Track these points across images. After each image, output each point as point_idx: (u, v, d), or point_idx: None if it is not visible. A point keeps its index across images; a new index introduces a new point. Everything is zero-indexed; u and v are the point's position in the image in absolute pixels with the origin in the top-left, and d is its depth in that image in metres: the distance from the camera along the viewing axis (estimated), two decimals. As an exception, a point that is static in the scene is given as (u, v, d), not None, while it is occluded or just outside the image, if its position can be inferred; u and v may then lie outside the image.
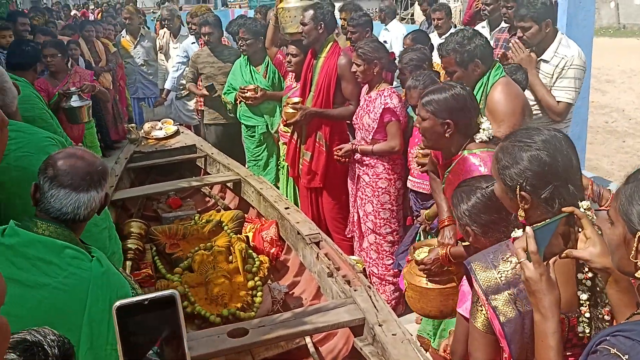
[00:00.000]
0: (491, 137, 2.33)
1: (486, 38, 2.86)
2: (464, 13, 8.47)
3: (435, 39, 5.02)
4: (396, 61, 3.86)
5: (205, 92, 5.22)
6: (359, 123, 3.68)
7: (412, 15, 20.70)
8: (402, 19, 14.86)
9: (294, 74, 4.28)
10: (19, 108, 2.42)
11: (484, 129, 2.32)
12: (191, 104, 6.37)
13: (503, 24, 4.34)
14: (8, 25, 5.60)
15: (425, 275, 2.48)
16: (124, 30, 7.69)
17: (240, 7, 15.46)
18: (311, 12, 3.85)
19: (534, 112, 3.34)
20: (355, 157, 3.70)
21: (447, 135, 2.30)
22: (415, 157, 3.18)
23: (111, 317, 0.89)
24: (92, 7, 20.19)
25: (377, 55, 3.53)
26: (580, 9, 4.25)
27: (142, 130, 5.48)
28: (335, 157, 3.79)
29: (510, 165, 1.51)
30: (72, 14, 13.78)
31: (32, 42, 4.68)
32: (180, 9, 11.61)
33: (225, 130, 5.45)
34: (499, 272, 1.48)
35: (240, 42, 4.63)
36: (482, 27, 4.59)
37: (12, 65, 3.80)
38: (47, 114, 2.97)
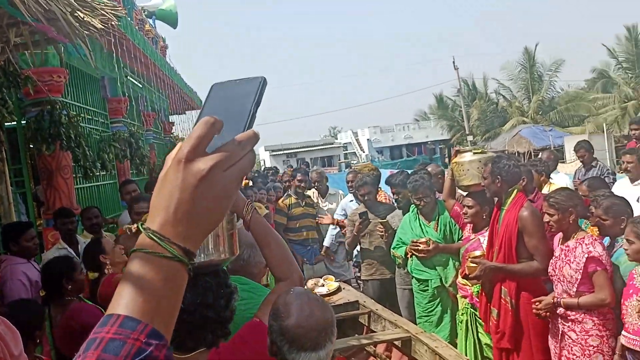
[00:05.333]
0: None
1: None
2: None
3: (625, 184, 4.86)
4: None
5: (360, 225, 5.28)
6: (557, 275, 3.43)
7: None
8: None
9: (471, 225, 4.20)
10: None
11: None
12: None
13: None
14: None
15: None
16: (290, 191, 8.06)
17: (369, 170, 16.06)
18: (489, 166, 3.80)
19: None
20: (557, 311, 3.42)
21: None
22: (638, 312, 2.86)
23: None
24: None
25: (572, 204, 3.39)
26: None
27: (306, 287, 5.54)
28: (534, 311, 3.52)
29: None
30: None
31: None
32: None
33: (383, 285, 5.36)
34: None
35: (418, 200, 4.64)
36: None
37: None
38: None
